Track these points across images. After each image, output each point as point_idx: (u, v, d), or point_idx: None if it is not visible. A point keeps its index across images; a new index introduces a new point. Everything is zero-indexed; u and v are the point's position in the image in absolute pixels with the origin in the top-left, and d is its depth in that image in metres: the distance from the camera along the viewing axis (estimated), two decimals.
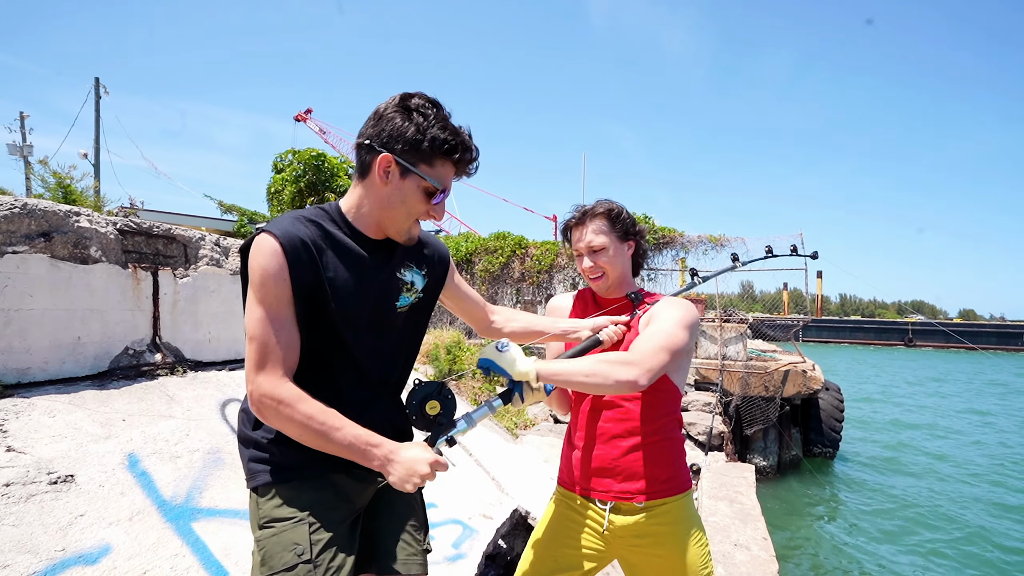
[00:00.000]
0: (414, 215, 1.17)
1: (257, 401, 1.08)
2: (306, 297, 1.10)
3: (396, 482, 1.11)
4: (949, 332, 36.75)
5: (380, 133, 1.11)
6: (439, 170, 1.14)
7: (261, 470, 1.17)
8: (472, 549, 3.03)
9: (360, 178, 1.17)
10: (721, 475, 5.00)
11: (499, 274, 11.48)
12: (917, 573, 5.29)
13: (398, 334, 1.28)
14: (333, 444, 1.09)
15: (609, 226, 1.52)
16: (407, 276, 1.26)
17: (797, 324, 11.22)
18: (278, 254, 1.07)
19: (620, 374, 1.24)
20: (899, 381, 20.24)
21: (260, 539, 1.13)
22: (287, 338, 1.09)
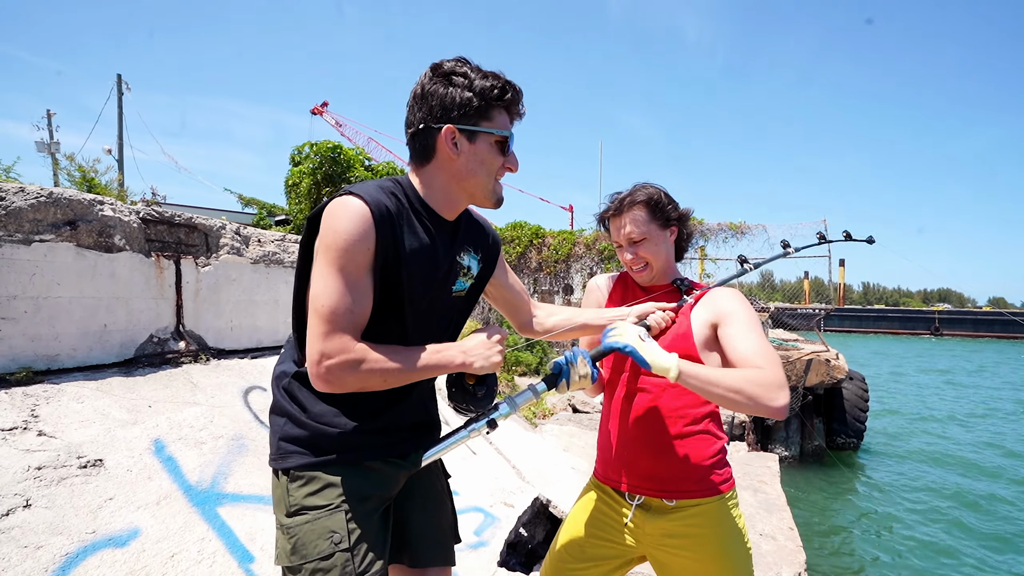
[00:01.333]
0: (494, 172, 1.14)
1: (327, 372, 1.00)
2: (382, 269, 1.05)
3: (485, 365, 1.10)
4: (978, 320, 35.64)
5: (432, 110, 1.07)
6: (498, 120, 1.11)
7: (294, 451, 1.12)
8: (494, 537, 3.02)
9: (422, 162, 1.12)
10: (744, 464, 4.92)
11: (516, 264, 11.42)
12: (941, 566, 5.16)
13: (448, 319, 1.24)
14: (415, 372, 1.06)
15: (649, 215, 1.44)
16: (465, 260, 1.22)
17: (819, 313, 10.99)
18: (367, 219, 1.01)
19: (777, 400, 1.14)
20: (925, 370, 19.76)
21: (291, 526, 1.08)
22: (360, 309, 1.03)
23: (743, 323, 1.31)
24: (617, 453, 1.44)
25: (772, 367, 1.20)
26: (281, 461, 1.13)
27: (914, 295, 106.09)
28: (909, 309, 47.54)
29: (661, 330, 1.41)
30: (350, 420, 1.13)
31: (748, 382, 1.15)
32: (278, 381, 1.18)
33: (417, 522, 1.25)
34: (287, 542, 1.08)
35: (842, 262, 12.35)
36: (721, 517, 1.35)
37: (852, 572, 5.08)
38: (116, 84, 18.24)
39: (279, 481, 1.14)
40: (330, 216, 1.02)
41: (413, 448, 1.21)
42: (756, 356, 1.23)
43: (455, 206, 1.17)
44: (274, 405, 1.17)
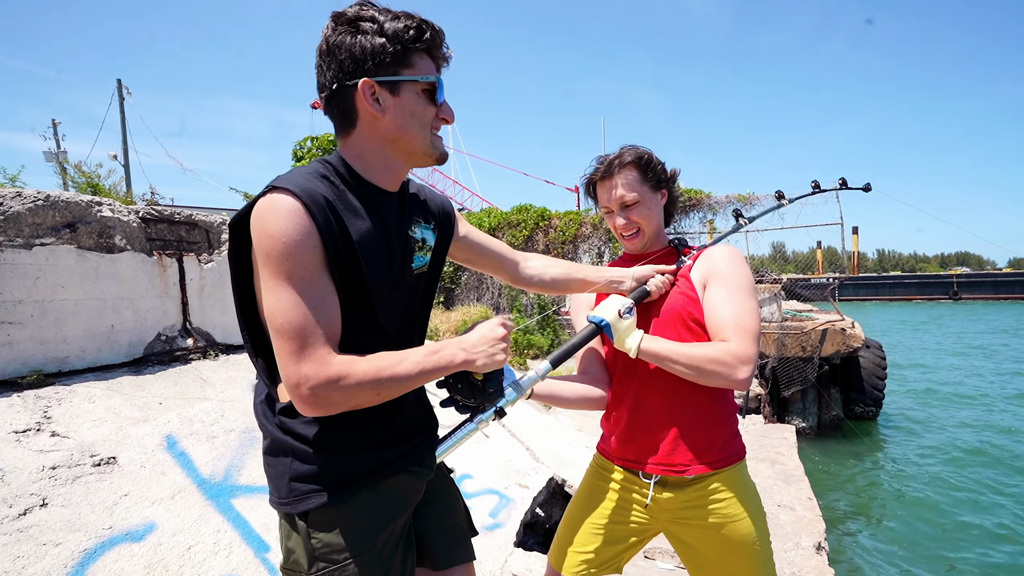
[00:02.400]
0: (428, 124, 1.01)
1: (311, 395, 0.88)
2: (337, 264, 0.93)
3: (487, 361, 1.00)
4: (998, 283, 34.99)
5: (342, 66, 0.93)
6: (421, 66, 0.97)
7: (311, 490, 0.97)
8: (510, 518, 3.03)
9: (347, 129, 0.99)
10: (761, 437, 4.88)
11: (523, 247, 11.36)
12: (962, 533, 5.11)
13: (415, 298, 1.13)
14: (409, 381, 0.95)
15: (641, 176, 1.35)
16: (418, 233, 1.10)
17: (832, 283, 10.81)
18: (301, 215, 0.87)
19: (738, 374, 1.18)
20: (944, 335, 19.46)
21: (319, 572, 0.97)
22: (327, 316, 0.91)
23: (727, 286, 1.27)
24: (626, 431, 1.39)
25: (740, 339, 1.19)
26: (297, 504, 0.98)
27: (931, 260, 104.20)
28: (926, 275, 46.78)
29: (663, 294, 1.36)
30: (361, 439, 1.02)
31: (708, 360, 1.18)
32: (266, 416, 1.05)
33: (435, 524, 1.19)
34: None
35: (855, 230, 12.12)
36: (738, 485, 1.33)
37: (872, 541, 5.04)
38: (117, 89, 18.29)
39: (294, 528, 1.00)
40: (259, 220, 0.89)
41: (427, 451, 1.13)
42: (727, 327, 1.22)
43: (395, 173, 1.04)
44: (271, 444, 1.02)
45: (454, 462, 3.39)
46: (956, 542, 4.92)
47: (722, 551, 1.30)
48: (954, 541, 4.94)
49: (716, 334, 1.25)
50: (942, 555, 4.70)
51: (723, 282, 1.28)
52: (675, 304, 1.34)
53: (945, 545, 4.88)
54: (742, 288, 1.27)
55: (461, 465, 3.38)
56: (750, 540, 1.29)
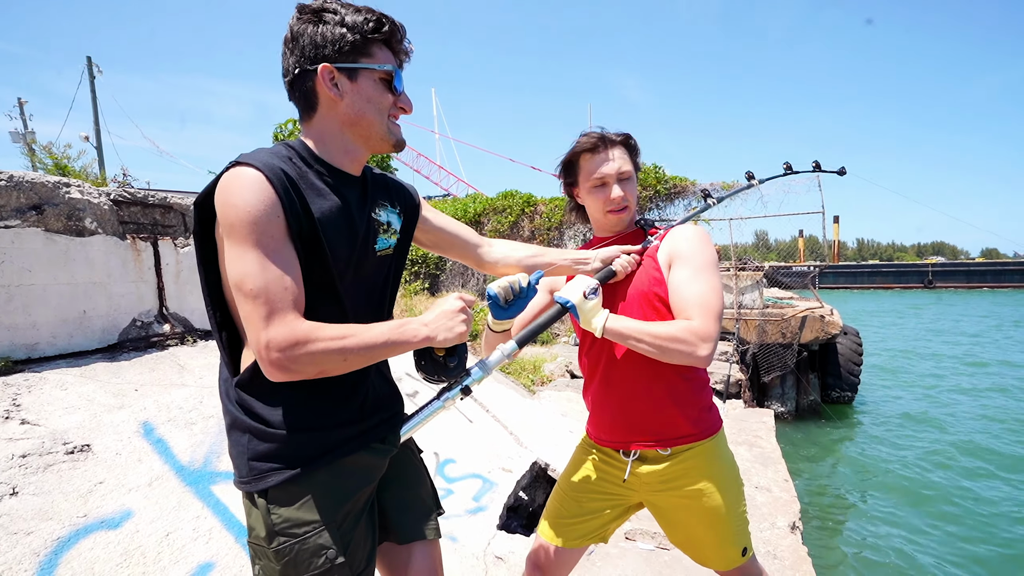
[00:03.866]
0: (385, 112, 1.06)
1: (280, 357, 0.90)
2: (298, 238, 0.96)
3: (447, 335, 1.04)
4: (970, 271, 36.04)
5: (304, 52, 0.99)
6: (380, 56, 1.03)
7: (269, 468, 1.00)
8: (493, 502, 3.05)
9: (308, 113, 1.04)
10: (740, 421, 4.97)
11: (509, 233, 11.32)
12: (932, 513, 5.29)
13: (378, 282, 1.16)
14: (376, 350, 0.98)
15: (629, 154, 1.41)
16: (382, 216, 1.14)
17: (813, 271, 11.00)
18: (265, 186, 0.92)
19: (699, 351, 1.21)
20: (916, 322, 19.99)
21: (279, 548, 0.99)
22: (294, 279, 0.94)
23: (691, 266, 1.30)
24: (606, 413, 1.43)
25: (703, 317, 1.24)
26: (256, 483, 1.01)
27: (908, 249, 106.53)
28: (903, 263, 47.80)
29: (629, 274, 1.39)
30: (320, 417, 1.04)
31: (670, 338, 1.22)
32: (227, 393, 1.07)
33: (399, 499, 1.21)
34: (274, 563, 1.00)
35: (836, 219, 12.30)
36: (714, 456, 1.38)
37: (845, 520, 5.20)
38: (87, 67, 17.64)
39: (254, 505, 1.03)
40: (224, 192, 0.92)
41: (389, 429, 1.16)
42: (691, 306, 1.26)
43: (355, 156, 1.08)
44: (232, 423, 1.05)
45: (438, 446, 3.39)
46: (925, 520, 5.09)
47: (699, 520, 1.37)
48: (924, 519, 5.12)
49: (680, 312, 1.28)
50: (912, 534, 4.87)
51: (687, 261, 1.31)
52: (641, 284, 1.37)
53: (916, 523, 5.05)
54: (706, 267, 1.30)
55: (445, 449, 3.38)
56: (725, 509, 1.35)
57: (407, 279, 11.90)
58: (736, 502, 1.38)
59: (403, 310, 8.64)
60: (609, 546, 2.77)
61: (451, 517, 2.81)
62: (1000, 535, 4.79)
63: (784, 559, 2.60)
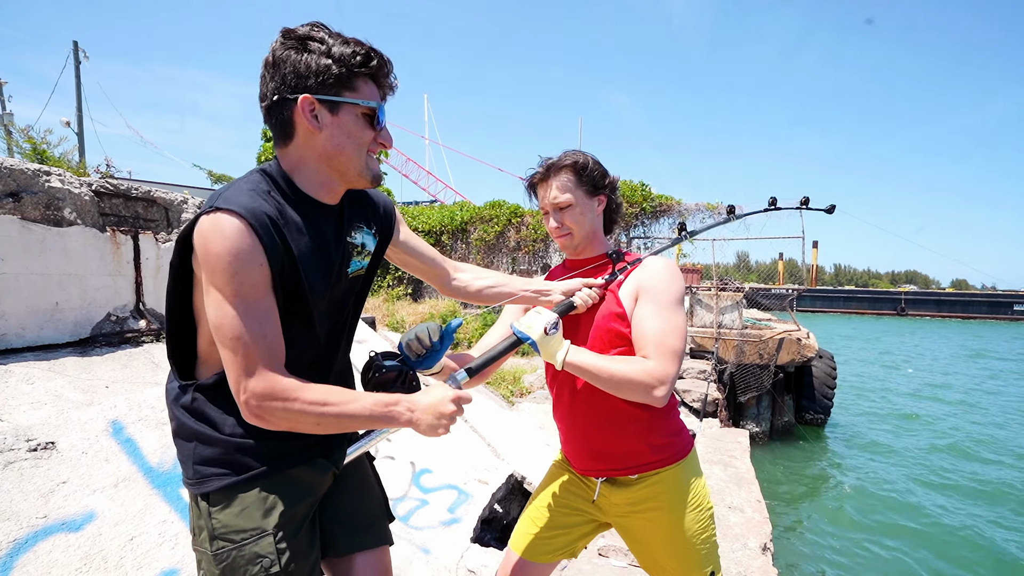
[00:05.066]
0: (364, 147, 1.04)
1: (257, 408, 0.94)
2: (280, 280, 0.97)
3: (426, 431, 1.05)
4: (941, 301, 37.21)
5: (285, 79, 0.96)
6: (364, 91, 1.00)
7: (213, 473, 1.03)
8: (468, 513, 3.02)
9: (285, 141, 1.01)
10: (716, 440, 5.02)
11: (495, 243, 11.34)
12: (900, 536, 5.40)
13: (348, 300, 1.17)
14: (355, 419, 1.00)
15: (576, 180, 1.39)
16: (357, 239, 1.14)
17: (792, 293, 11.23)
18: (246, 236, 0.90)
19: (655, 393, 1.21)
20: (888, 347, 20.52)
21: (219, 551, 1.01)
22: (273, 330, 0.95)
23: (656, 302, 1.29)
24: (574, 440, 1.45)
25: (661, 358, 1.23)
26: (200, 486, 1.03)
27: (883, 276, 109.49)
28: (877, 290, 48.99)
29: (590, 307, 1.39)
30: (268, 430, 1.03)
31: (626, 379, 1.21)
32: (176, 401, 1.08)
33: (339, 513, 1.22)
34: (214, 567, 1.02)
35: (815, 244, 12.60)
36: (681, 481, 1.38)
37: (816, 542, 5.27)
38: (72, 52, 17.27)
39: (198, 507, 1.05)
40: (203, 239, 0.91)
41: (336, 446, 1.17)
42: (650, 345, 1.25)
43: (332, 189, 1.06)
44: (178, 428, 1.07)
45: (415, 455, 3.36)
46: (894, 542, 5.19)
47: (664, 543, 1.38)
48: (893, 541, 5.22)
49: (639, 349, 1.28)
50: (881, 556, 4.95)
51: (652, 298, 1.30)
52: (601, 319, 1.37)
53: (885, 546, 5.14)
54: (671, 305, 1.30)
55: (421, 459, 3.35)
56: (691, 534, 1.36)
57: (390, 284, 11.82)
58: (703, 526, 1.39)
59: (385, 315, 8.57)
60: (582, 562, 2.76)
61: (425, 528, 2.78)
62: (965, 556, 4.90)
63: None
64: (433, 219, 12.15)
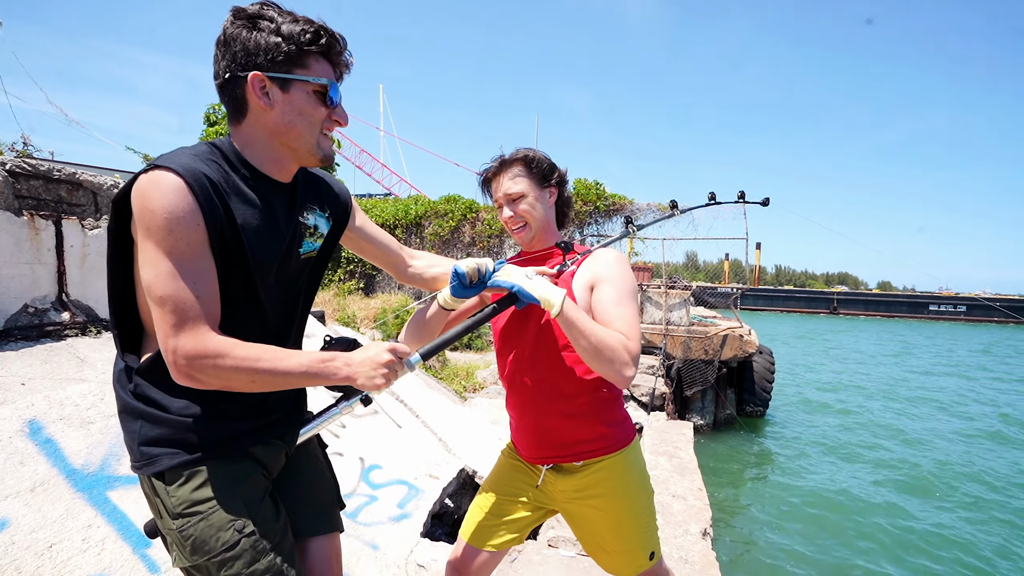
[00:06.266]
0: (316, 125, 1.04)
1: (187, 366, 0.92)
2: (219, 245, 0.96)
3: (365, 383, 1.05)
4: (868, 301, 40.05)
5: (236, 57, 0.97)
6: (316, 68, 1.01)
7: (164, 453, 1.01)
8: (418, 508, 3.00)
9: (237, 118, 1.03)
10: (662, 432, 5.20)
11: (449, 238, 11.26)
12: (833, 520, 5.79)
13: (299, 283, 1.17)
14: (290, 377, 0.99)
15: (527, 172, 1.45)
16: (310, 220, 1.15)
17: (736, 292, 11.76)
18: (184, 193, 0.90)
19: (627, 371, 1.22)
20: (821, 344, 21.90)
21: (184, 528, 1.00)
22: (208, 291, 0.95)
23: (616, 289, 1.34)
24: (523, 428, 1.49)
25: (634, 340, 1.26)
26: (149, 466, 1.02)
27: (818, 277, 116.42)
28: (813, 290, 52.00)
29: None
30: (219, 408, 1.05)
31: (614, 344, 1.21)
32: (121, 381, 1.06)
33: (292, 497, 1.22)
34: (183, 545, 1.00)
35: (758, 245, 13.24)
36: (624, 468, 1.44)
37: (753, 526, 5.57)
38: None
39: (153, 488, 1.03)
40: (140, 196, 0.91)
41: (289, 426, 1.18)
42: (623, 324, 1.28)
43: (283, 166, 1.07)
44: (123, 407, 1.05)
45: (365, 451, 3.30)
46: (826, 525, 5.55)
47: (607, 528, 1.45)
48: (824, 523, 5.58)
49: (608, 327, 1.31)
50: (814, 537, 5.28)
51: (613, 284, 1.35)
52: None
53: (816, 528, 5.49)
54: (629, 293, 1.35)
55: (371, 455, 3.30)
56: (633, 518, 1.44)
57: (342, 278, 11.52)
58: (644, 511, 1.46)
59: (336, 309, 8.34)
60: (531, 553, 2.80)
61: (373, 524, 2.73)
62: (893, 535, 5.31)
63: (695, 563, 2.74)
64: (387, 212, 11.93)
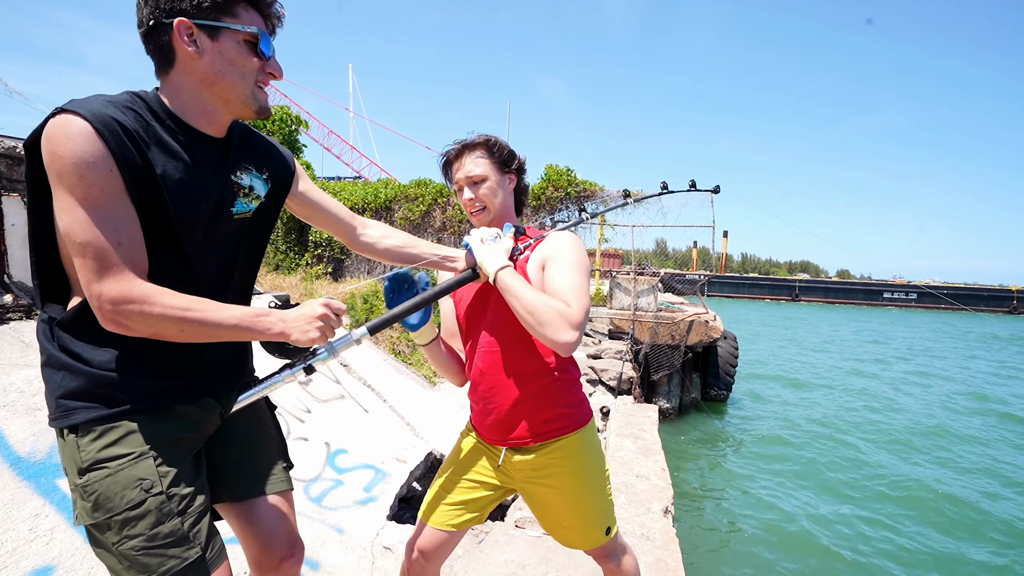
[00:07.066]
0: (250, 76, 1.02)
1: (112, 311, 0.90)
2: (136, 193, 0.93)
3: (300, 336, 1.05)
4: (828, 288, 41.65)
5: (158, 4, 0.94)
6: (245, 17, 0.99)
7: (80, 406, 0.98)
8: (384, 492, 3.00)
9: (165, 68, 0.99)
10: (628, 416, 5.32)
11: (420, 222, 11.12)
12: (788, 487, 6.06)
13: (235, 245, 1.14)
14: (221, 328, 0.98)
15: (488, 155, 1.47)
16: (244, 180, 1.12)
17: (702, 279, 12.03)
18: (93, 138, 0.87)
19: (563, 336, 1.22)
20: (785, 329, 22.72)
21: (88, 483, 0.96)
22: (130, 237, 0.92)
23: (565, 264, 1.36)
24: (482, 409, 1.50)
25: (577, 307, 1.26)
26: (65, 419, 0.99)
27: (782, 265, 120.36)
28: (777, 278, 53.69)
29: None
30: (146, 363, 1.02)
31: (547, 309, 1.23)
32: (44, 333, 1.03)
33: (234, 457, 1.22)
34: (86, 500, 0.97)
35: (725, 233, 13.52)
36: (581, 447, 1.47)
37: (715, 503, 5.78)
38: None
39: (65, 441, 1.00)
40: (49, 141, 0.88)
41: (226, 387, 1.16)
42: (568, 293, 1.29)
43: (214, 118, 1.04)
44: (46, 359, 1.02)
45: (331, 436, 3.27)
46: (784, 502, 5.80)
47: (565, 506, 1.48)
48: (782, 500, 5.83)
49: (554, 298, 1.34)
50: (772, 514, 5.52)
51: (561, 259, 1.38)
52: None
53: (774, 506, 5.74)
54: (580, 268, 1.37)
55: (337, 439, 3.27)
56: (589, 495, 1.47)
57: (309, 262, 11.27)
58: (600, 488, 1.50)
59: (302, 294, 8.18)
60: (498, 534, 2.84)
61: (339, 509, 2.72)
62: (851, 509, 5.59)
63: (655, 540, 2.83)
64: (356, 195, 11.68)
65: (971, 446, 8.05)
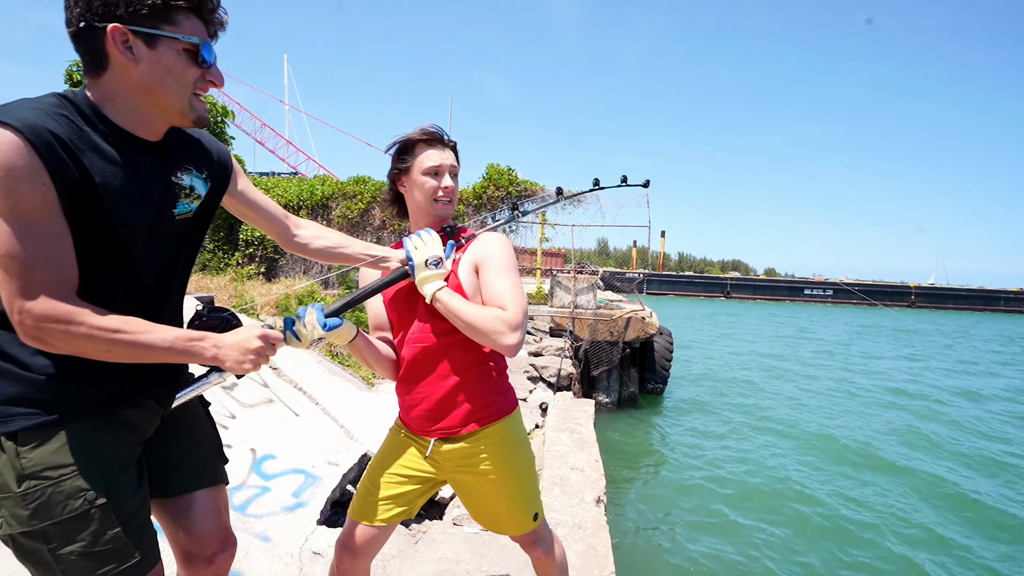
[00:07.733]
0: (188, 86, 0.99)
1: (34, 328, 0.88)
2: (75, 205, 0.90)
3: (232, 366, 1.05)
4: (756, 286, 44.41)
5: (91, 5, 0.90)
6: (186, 26, 0.96)
7: (19, 413, 0.96)
8: (315, 496, 2.92)
9: (97, 71, 0.95)
10: (565, 410, 5.44)
11: (358, 221, 10.86)
12: (722, 474, 6.44)
13: (176, 247, 1.13)
14: (152, 350, 0.97)
15: (455, 157, 1.54)
16: (185, 180, 1.10)
17: (640, 277, 12.50)
18: (23, 150, 0.84)
19: (507, 339, 1.33)
20: (713, 326, 24.03)
21: (28, 492, 0.94)
22: (59, 253, 0.89)
23: (499, 267, 1.43)
24: (412, 400, 1.52)
25: (514, 309, 1.37)
26: (3, 425, 0.96)
27: (715, 264, 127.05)
28: (710, 276, 56.64)
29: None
30: (86, 369, 0.99)
31: (487, 319, 1.33)
32: None
33: (173, 452, 1.22)
34: (21, 509, 0.95)
35: (663, 233, 14.10)
36: (507, 435, 1.53)
37: (646, 493, 6.04)
38: None
39: (3, 450, 0.97)
40: None
41: (167, 389, 1.17)
42: (504, 297, 1.38)
43: (151, 124, 1.02)
44: None
45: (256, 442, 3.14)
46: (717, 488, 6.14)
47: (493, 493, 1.52)
48: (714, 486, 6.17)
49: (492, 304, 1.41)
50: (705, 501, 5.83)
51: (494, 264, 1.45)
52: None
53: (707, 492, 6.06)
54: (510, 268, 1.45)
55: (264, 445, 3.15)
56: (516, 482, 1.52)
57: (240, 262, 10.73)
58: (526, 474, 1.55)
59: (232, 295, 7.78)
60: (436, 532, 2.84)
61: (264, 516, 2.63)
62: (778, 495, 5.98)
63: (587, 528, 2.93)
64: (290, 192, 11.24)
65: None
